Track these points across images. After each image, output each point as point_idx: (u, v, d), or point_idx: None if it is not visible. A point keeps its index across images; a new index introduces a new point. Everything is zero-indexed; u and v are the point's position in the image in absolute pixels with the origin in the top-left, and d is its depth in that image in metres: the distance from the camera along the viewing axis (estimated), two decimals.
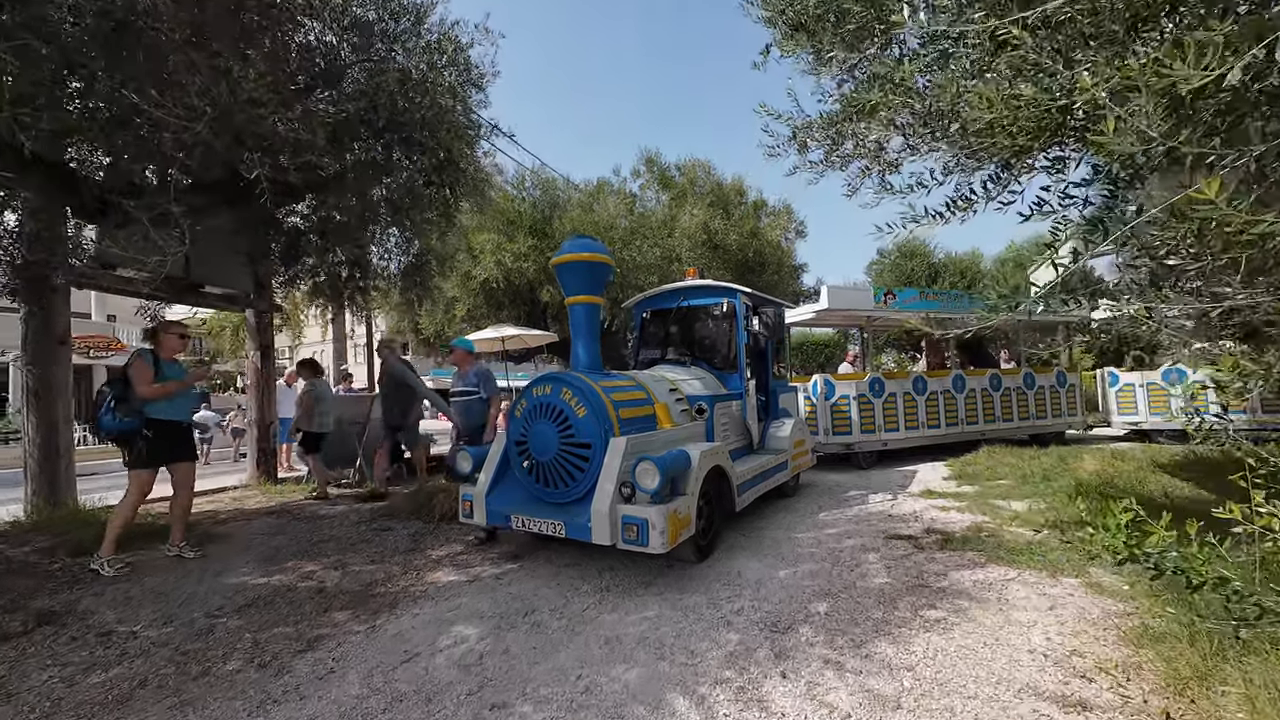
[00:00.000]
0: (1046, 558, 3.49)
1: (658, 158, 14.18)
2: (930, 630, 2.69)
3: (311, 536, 4.86)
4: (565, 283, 4.27)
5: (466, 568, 4.07)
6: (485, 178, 7.18)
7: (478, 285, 10.60)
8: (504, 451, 4.16)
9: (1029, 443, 8.74)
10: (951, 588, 3.17)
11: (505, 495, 4.03)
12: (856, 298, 7.86)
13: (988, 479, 6.35)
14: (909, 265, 16.38)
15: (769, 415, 5.93)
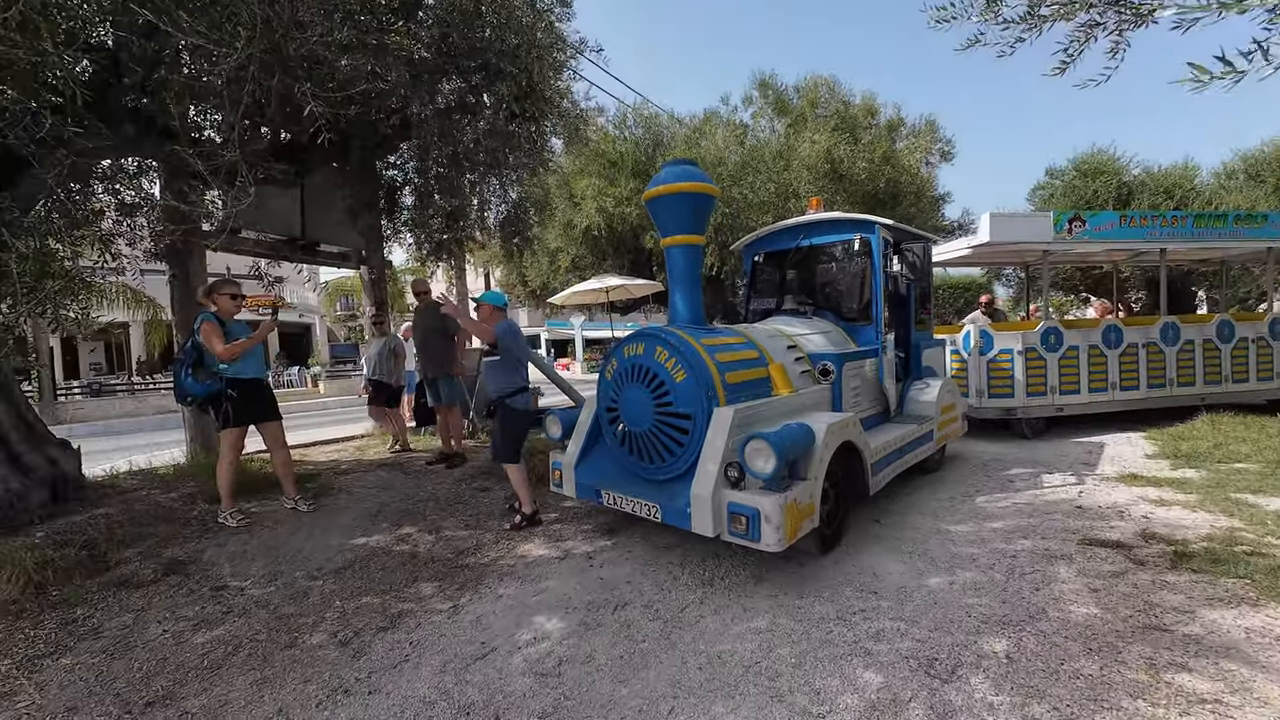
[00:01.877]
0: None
1: (772, 80, 12.54)
2: (1189, 713, 1.81)
3: (415, 494, 4.86)
4: (660, 221, 3.59)
5: (558, 541, 3.75)
6: (580, 113, 6.55)
7: (580, 234, 10.21)
8: (594, 417, 3.70)
9: (1269, 410, 6.70)
10: (1210, 638, 2.20)
11: (596, 467, 3.60)
12: (1029, 227, 6.26)
13: (1218, 460, 4.83)
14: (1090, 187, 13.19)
15: (910, 375, 4.90)
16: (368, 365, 6.48)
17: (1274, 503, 3.70)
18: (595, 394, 3.72)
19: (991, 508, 3.95)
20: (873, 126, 12.14)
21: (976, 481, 4.65)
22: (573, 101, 6.41)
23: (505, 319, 4.18)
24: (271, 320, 4.45)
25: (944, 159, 12.39)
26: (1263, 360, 6.85)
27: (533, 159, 5.70)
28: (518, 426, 4.07)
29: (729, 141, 10.98)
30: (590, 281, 9.88)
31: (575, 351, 30.42)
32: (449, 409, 5.90)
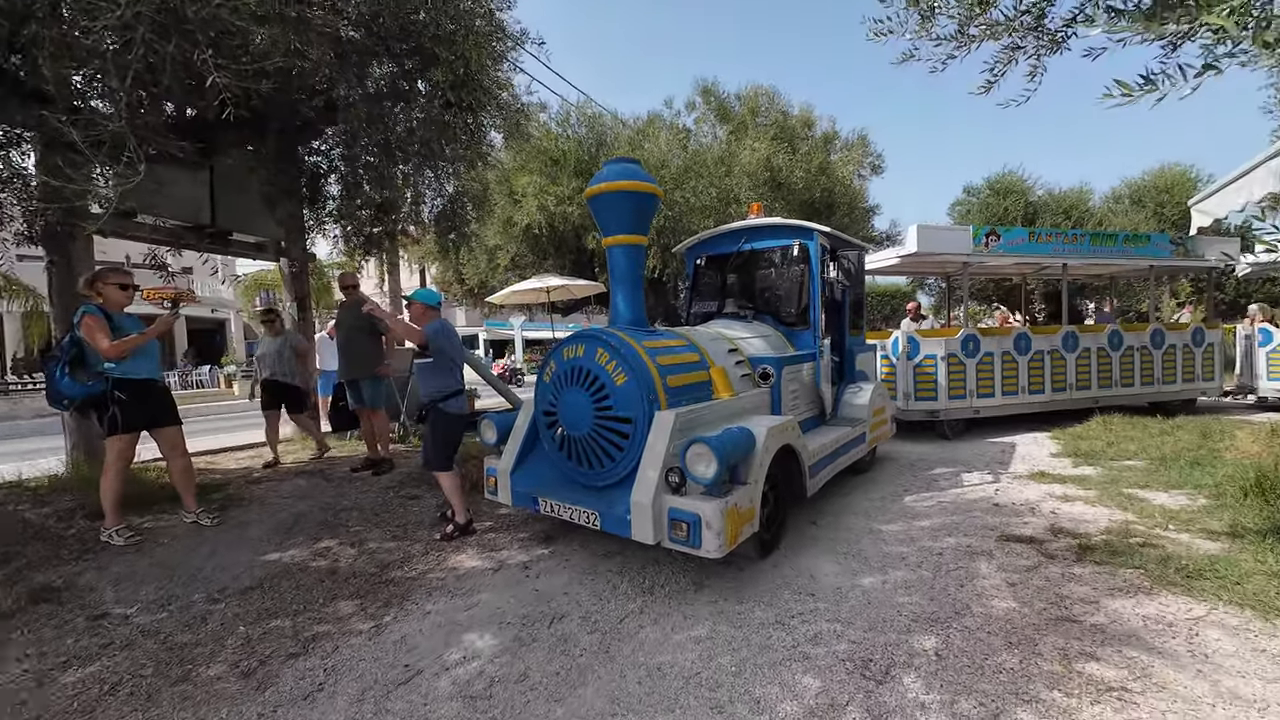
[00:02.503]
0: (1245, 587, 2.59)
1: (715, 87, 12.76)
2: (1100, 700, 1.91)
3: (336, 504, 4.52)
4: (602, 219, 3.50)
5: (492, 551, 3.58)
6: (521, 107, 6.36)
7: (520, 232, 9.95)
8: (532, 421, 3.56)
9: (1150, 411, 7.44)
10: (1113, 627, 2.36)
11: (533, 473, 3.46)
12: (952, 239, 6.65)
13: (1111, 458, 5.29)
14: (1002, 205, 14.31)
15: (844, 379, 5.06)
16: (261, 365, 5.81)
17: (1159, 497, 4.07)
18: (532, 397, 3.58)
19: (919, 507, 4.12)
20: (810, 138, 12.58)
21: (905, 481, 4.85)
22: (513, 94, 6.22)
23: (438, 318, 3.97)
24: (171, 315, 4.00)
25: (874, 172, 13.03)
26: (1145, 367, 7.59)
27: (470, 151, 5.47)
28: (451, 431, 3.87)
29: (672, 145, 11.05)
30: (530, 281, 9.65)
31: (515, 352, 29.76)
32: (374, 412, 5.56)
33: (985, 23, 2.42)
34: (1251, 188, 3.87)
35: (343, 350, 5.60)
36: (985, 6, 2.34)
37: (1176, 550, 3.05)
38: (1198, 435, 5.79)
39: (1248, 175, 3.92)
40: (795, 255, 4.54)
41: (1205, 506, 3.73)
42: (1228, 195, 4.25)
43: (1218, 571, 2.73)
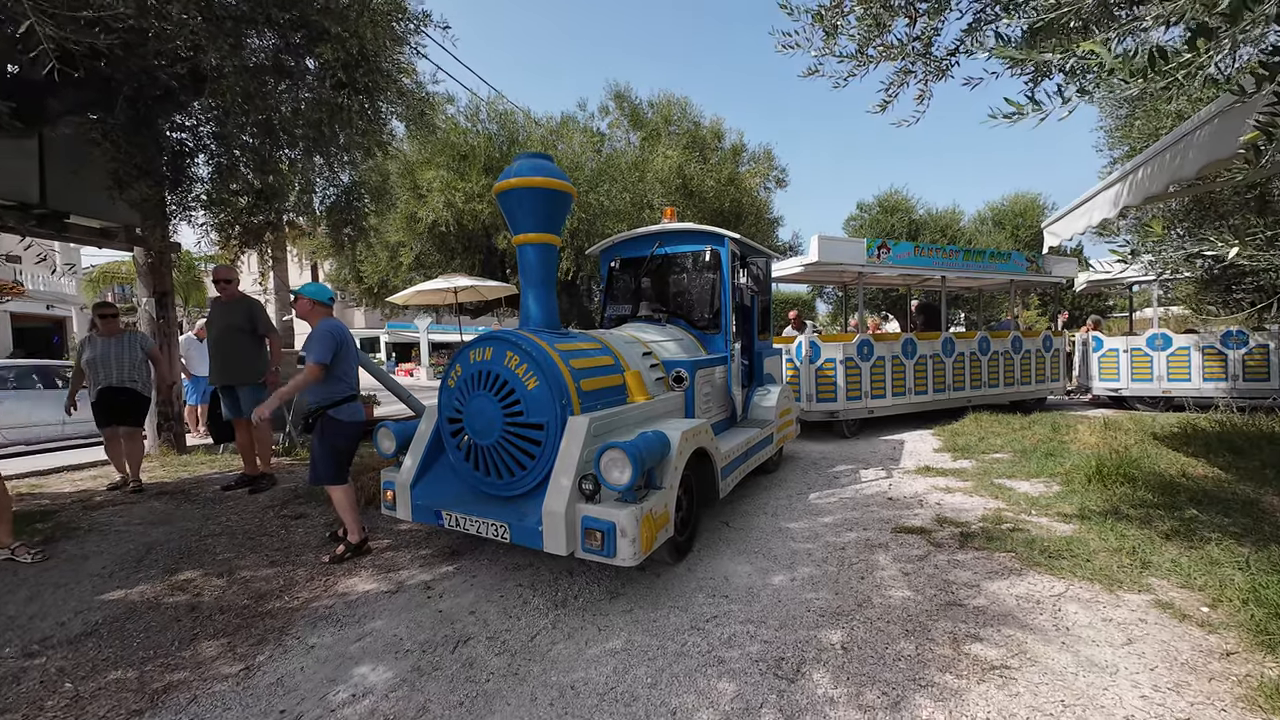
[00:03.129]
0: (1093, 563, 2.93)
1: (628, 93, 12.86)
2: (985, 679, 2.06)
3: (201, 529, 3.97)
4: (512, 216, 3.34)
5: (390, 571, 3.28)
6: (425, 96, 5.99)
7: (425, 228, 9.39)
8: (435, 430, 3.32)
9: (1011, 409, 8.39)
10: (992, 608, 2.56)
11: (436, 485, 3.22)
12: (849, 251, 7.11)
13: (983, 452, 5.87)
14: (890, 221, 15.68)
15: (753, 382, 5.22)
16: (94, 371, 4.72)
17: (1022, 485, 4.55)
18: (435, 403, 3.34)
19: (822, 503, 4.32)
20: (719, 149, 12.98)
21: (809, 479, 5.08)
22: (416, 81, 5.84)
23: (329, 315, 3.61)
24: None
25: (779, 185, 13.70)
26: (1007, 369, 8.56)
27: (368, 139, 5.05)
28: (343, 441, 3.52)
29: (586, 148, 10.96)
30: (437, 281, 9.15)
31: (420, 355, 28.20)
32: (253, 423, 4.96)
33: (882, 45, 2.57)
34: (1092, 213, 4.45)
35: (216, 353, 4.95)
36: (882, 29, 2.48)
37: (1039, 533, 3.40)
38: (1049, 429, 6.58)
39: (1089, 202, 4.50)
40: (707, 260, 4.61)
41: (1059, 493, 4.22)
42: (1074, 219, 4.86)
43: (1072, 551, 3.08)
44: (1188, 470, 4.55)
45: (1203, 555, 2.91)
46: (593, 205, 9.47)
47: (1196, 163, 2.85)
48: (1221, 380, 8.21)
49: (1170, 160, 3.15)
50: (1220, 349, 8.22)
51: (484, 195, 9.25)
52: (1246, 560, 2.76)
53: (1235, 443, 5.25)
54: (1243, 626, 2.26)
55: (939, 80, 2.82)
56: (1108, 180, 4.05)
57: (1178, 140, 3.09)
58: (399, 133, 6.92)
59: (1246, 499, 3.81)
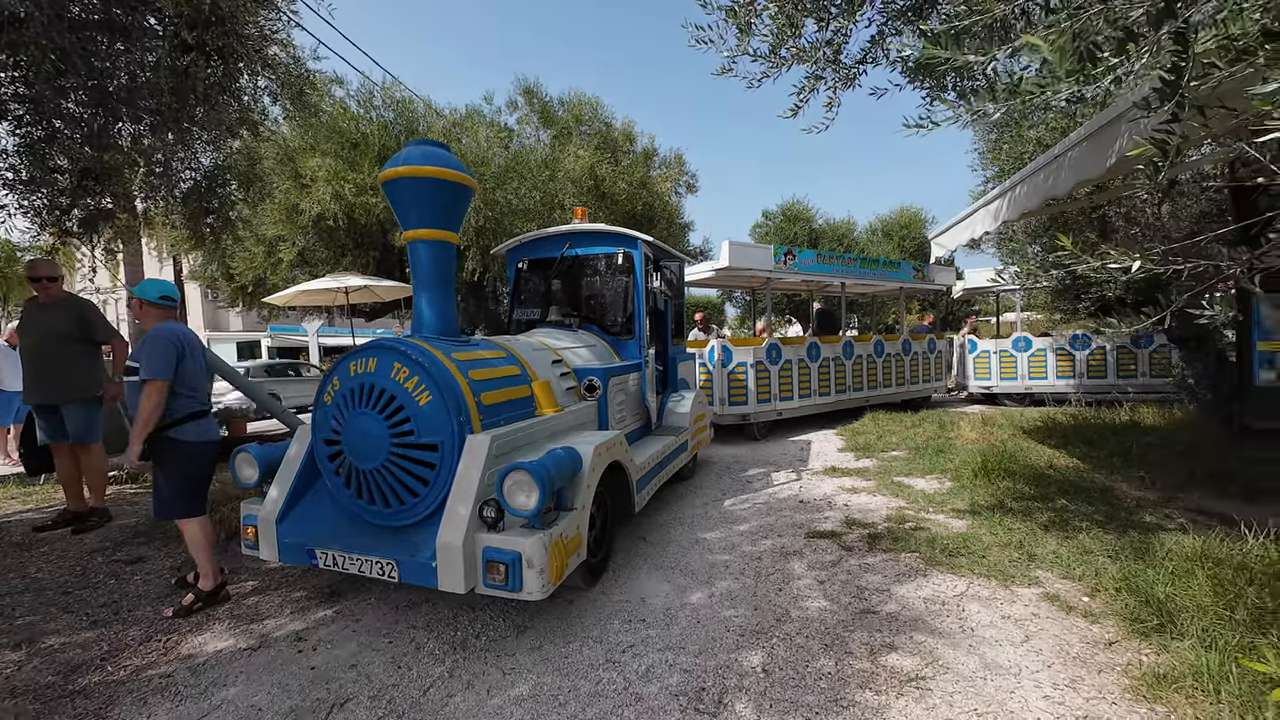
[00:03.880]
0: (987, 559, 3.07)
1: (538, 89, 12.47)
2: (903, 692, 2.03)
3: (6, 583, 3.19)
4: (402, 210, 2.96)
5: (253, 621, 2.79)
6: (305, 73, 5.34)
7: (309, 221, 8.47)
8: (308, 453, 2.87)
9: (903, 407, 9.00)
10: (904, 614, 2.58)
11: (309, 518, 2.77)
12: (758, 256, 7.26)
13: (881, 450, 6.18)
14: (793, 229, 16.49)
15: (668, 388, 5.13)
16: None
17: (919, 483, 4.80)
18: (309, 423, 2.89)
19: (737, 510, 4.28)
20: (631, 152, 12.94)
21: (723, 485, 5.06)
22: (294, 56, 5.19)
23: (170, 318, 3.03)
24: None
25: (689, 190, 13.90)
26: (899, 370, 9.18)
27: (227, 115, 4.37)
28: (191, 466, 2.96)
29: (493, 143, 10.45)
30: (324, 280, 8.28)
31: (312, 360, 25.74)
32: (82, 447, 4.12)
33: (795, 47, 2.52)
34: (975, 227, 4.79)
35: (31, 364, 4.05)
36: (795, 30, 2.43)
37: (938, 531, 3.55)
38: (937, 426, 7.08)
39: (972, 216, 4.84)
40: (620, 263, 4.44)
41: (951, 489, 4.48)
42: (958, 231, 5.22)
43: (968, 548, 3.22)
44: (1054, 462, 5.03)
45: (1077, 545, 3.15)
46: (500, 203, 9.02)
47: (1069, 182, 3.09)
48: (1071, 378, 9.32)
49: (1044, 180, 3.40)
50: (1069, 350, 9.33)
51: (378, 187, 8.50)
52: (1114, 549, 3.01)
53: (1087, 434, 5.90)
54: (1119, 615, 2.42)
55: (847, 88, 2.84)
56: (989, 197, 4.36)
57: (1050, 161, 3.34)
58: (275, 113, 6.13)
59: (1102, 487, 4.23)
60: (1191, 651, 2.03)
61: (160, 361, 2.80)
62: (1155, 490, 4.17)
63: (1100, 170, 2.72)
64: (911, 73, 2.99)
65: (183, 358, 2.88)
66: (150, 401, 2.77)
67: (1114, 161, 2.64)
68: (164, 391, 2.80)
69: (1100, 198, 5.39)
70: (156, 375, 2.78)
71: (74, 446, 4.08)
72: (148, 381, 2.77)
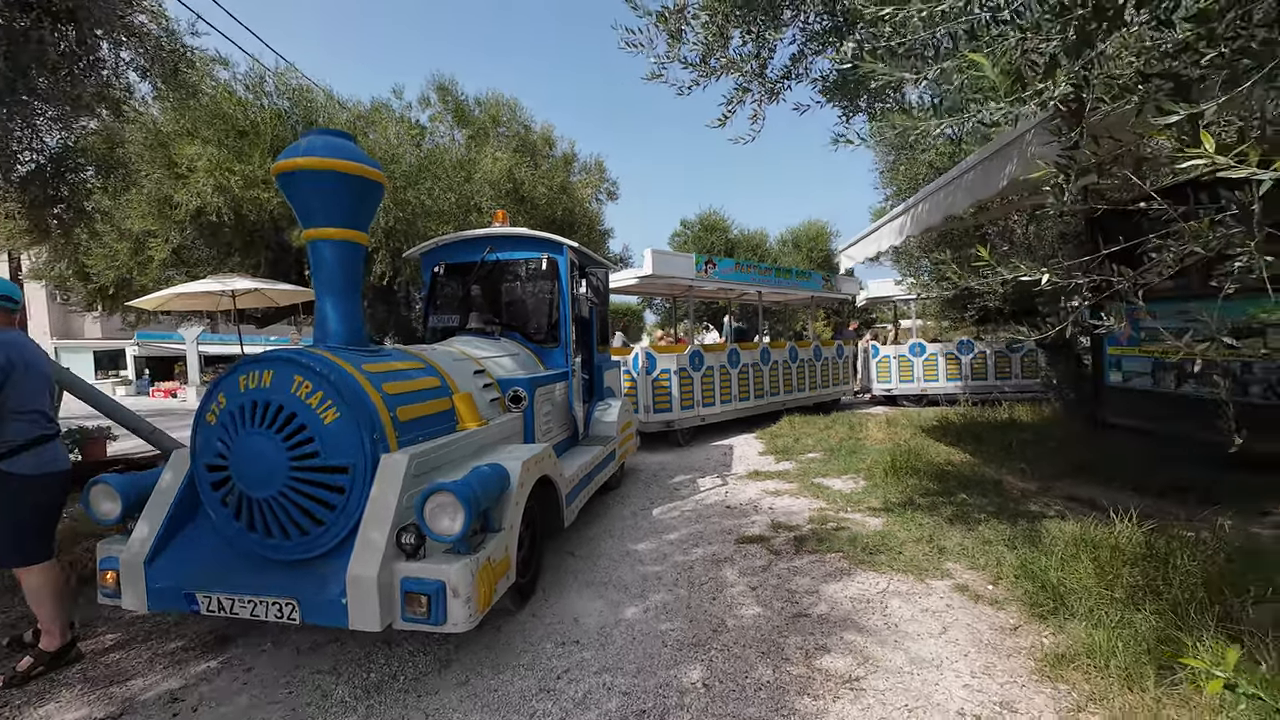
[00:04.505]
0: (904, 555, 3.24)
1: (453, 86, 11.96)
2: (840, 695, 2.07)
3: None
4: (303, 206, 2.67)
5: (112, 684, 2.37)
6: (180, 48, 4.73)
7: (186, 215, 7.52)
8: (186, 481, 2.49)
9: (815, 410, 9.48)
10: (834, 614, 2.66)
11: (187, 557, 2.40)
12: (680, 265, 7.36)
13: (800, 452, 6.44)
14: (710, 238, 16.98)
15: (594, 397, 5.03)
16: None
17: (836, 483, 5.04)
18: (187, 447, 2.51)
19: (666, 519, 4.26)
20: (551, 157, 12.74)
21: (651, 494, 5.03)
22: (167, 29, 4.59)
23: (10, 325, 2.54)
24: None
25: (610, 198, 13.90)
26: (812, 375, 9.66)
27: (82, 89, 3.76)
28: (28, 503, 2.48)
29: (403, 140, 9.86)
30: (206, 281, 7.39)
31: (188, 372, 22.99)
32: None
33: (725, 58, 2.54)
34: (881, 240, 5.13)
35: None
36: (725, 40, 2.45)
37: (857, 530, 3.72)
38: (847, 428, 7.51)
39: (878, 231, 5.18)
40: (545, 269, 4.31)
41: (865, 488, 4.73)
42: (866, 245, 5.56)
43: (887, 545, 3.39)
44: (951, 459, 5.46)
45: (978, 536, 3.41)
46: (412, 203, 8.52)
47: (966, 201, 3.36)
48: (959, 380, 10.26)
49: (944, 199, 3.69)
50: (957, 355, 10.26)
51: (270, 182, 7.74)
52: (1009, 538, 3.29)
53: (976, 431, 6.49)
54: (1020, 601, 2.63)
55: (772, 102, 2.91)
56: (894, 213, 4.68)
57: (949, 182, 3.63)
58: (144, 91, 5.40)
59: (993, 480, 4.64)
60: (1083, 631, 2.23)
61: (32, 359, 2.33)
62: (1035, 481, 4.63)
63: (994, 191, 2.97)
64: (829, 91, 3.13)
65: (10, 373, 2.40)
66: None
67: (1005, 184, 2.90)
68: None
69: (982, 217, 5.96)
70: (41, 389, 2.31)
71: None
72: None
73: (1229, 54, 1.11)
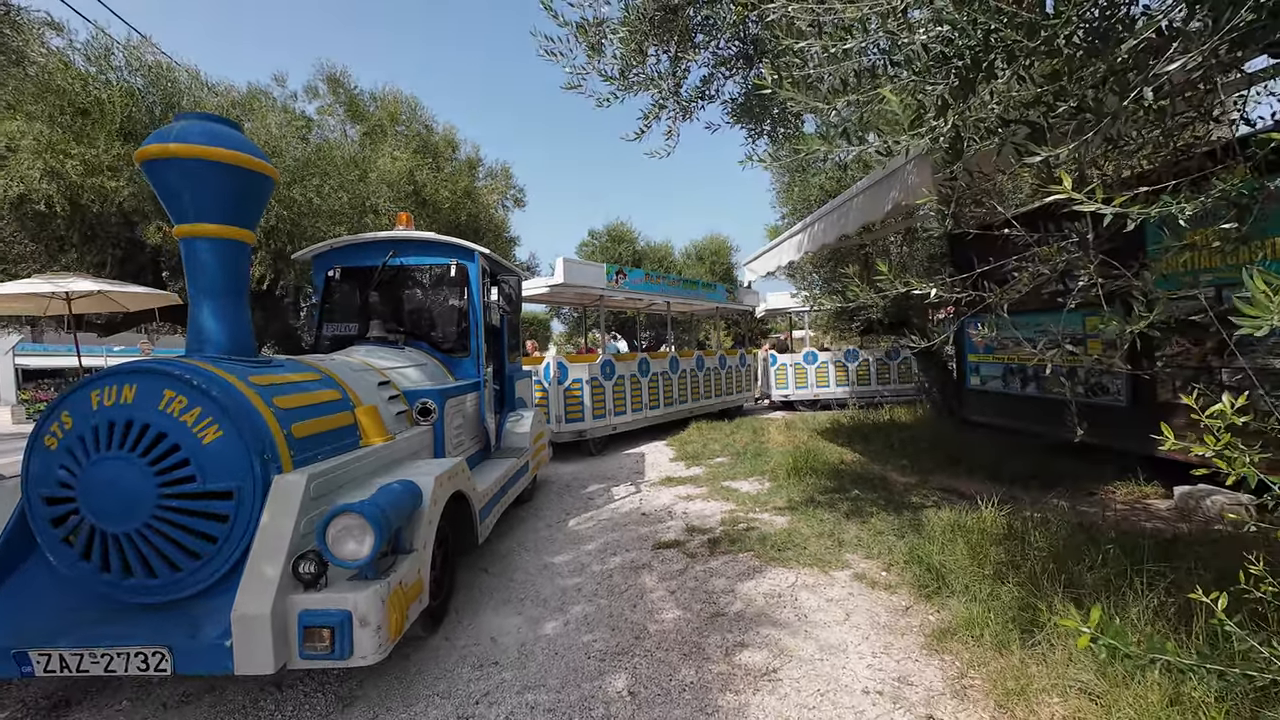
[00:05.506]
0: (808, 550, 3.46)
1: (344, 78, 11.17)
2: (759, 687, 2.16)
3: None
4: (173, 198, 2.36)
5: None
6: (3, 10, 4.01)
7: (4, 204, 6.34)
8: (13, 520, 2.09)
9: (721, 416, 9.87)
10: (749, 611, 2.77)
11: (12, 610, 2.01)
12: (591, 274, 7.37)
13: (708, 457, 6.67)
14: (617, 249, 17.19)
15: (505, 408, 4.88)
16: None
17: (744, 485, 5.27)
18: (14, 478, 2.11)
19: (583, 530, 4.22)
20: (454, 160, 12.28)
21: (565, 504, 4.96)
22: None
23: None
24: None
25: (517, 204, 13.64)
26: (718, 383, 10.06)
27: None
28: None
29: (286, 132, 9.03)
30: (32, 281, 6.30)
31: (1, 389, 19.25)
32: None
33: (643, 72, 2.61)
34: (781, 255, 5.48)
35: None
36: (643, 56, 2.52)
37: (765, 529, 3.91)
38: (751, 433, 7.90)
39: (778, 247, 5.53)
40: (454, 276, 4.13)
41: (770, 489, 5.00)
42: (767, 259, 5.91)
43: (793, 541, 3.60)
44: (844, 458, 5.93)
45: (872, 528, 3.73)
46: (299, 201, 7.82)
47: (856, 222, 3.69)
48: (846, 385, 11.16)
49: (837, 219, 4.03)
50: (844, 362, 11.17)
51: (122, 169, 6.76)
52: (898, 528, 3.62)
53: (864, 432, 7.10)
54: (909, 584, 2.91)
55: (686, 120, 3.03)
56: (793, 231, 5.03)
57: (842, 204, 3.97)
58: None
59: (880, 476, 5.10)
60: (961, 606, 2.51)
61: None
62: (914, 475, 5.15)
63: (880, 214, 3.30)
64: (737, 114, 3.31)
65: None
66: None
67: (890, 207, 3.23)
68: None
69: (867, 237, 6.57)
70: None
71: None
72: None
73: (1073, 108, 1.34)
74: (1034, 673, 1.98)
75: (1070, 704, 1.84)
